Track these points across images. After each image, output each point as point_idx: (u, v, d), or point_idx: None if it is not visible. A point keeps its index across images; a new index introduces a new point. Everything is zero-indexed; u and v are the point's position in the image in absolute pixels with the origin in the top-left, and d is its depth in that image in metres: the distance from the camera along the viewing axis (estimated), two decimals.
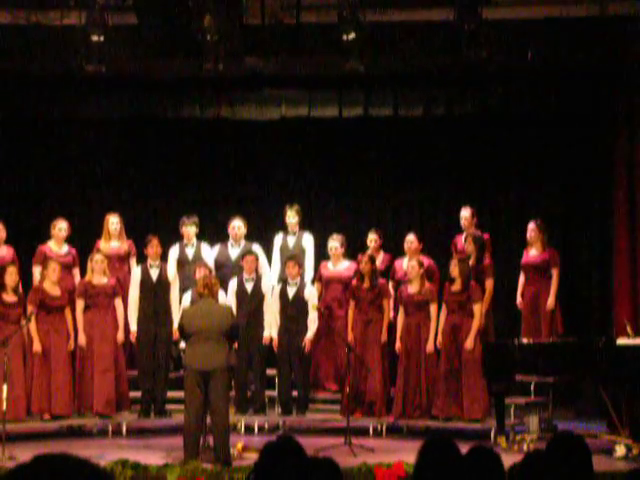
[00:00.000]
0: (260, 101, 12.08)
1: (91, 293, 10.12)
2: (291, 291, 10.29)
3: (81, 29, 9.81)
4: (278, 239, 10.97)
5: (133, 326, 10.31)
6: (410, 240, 10.56)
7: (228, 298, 10.12)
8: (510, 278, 10.84)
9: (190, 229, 10.77)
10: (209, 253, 10.81)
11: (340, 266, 10.66)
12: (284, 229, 10.95)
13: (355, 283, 10.35)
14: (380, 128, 11.96)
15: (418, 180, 12.02)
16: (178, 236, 10.87)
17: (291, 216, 10.87)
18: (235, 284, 10.33)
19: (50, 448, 8.48)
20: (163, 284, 10.35)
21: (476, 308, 9.85)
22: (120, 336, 10.19)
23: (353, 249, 10.78)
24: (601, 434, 9.17)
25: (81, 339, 10.04)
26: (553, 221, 11.18)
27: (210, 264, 10.42)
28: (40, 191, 11.96)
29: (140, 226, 11.60)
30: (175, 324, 9.81)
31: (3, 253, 10.45)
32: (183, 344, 8.88)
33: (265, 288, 10.38)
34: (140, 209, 12.11)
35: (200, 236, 10.93)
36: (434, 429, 9.77)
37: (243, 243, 10.80)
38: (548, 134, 11.61)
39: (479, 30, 9.56)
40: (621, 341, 9.01)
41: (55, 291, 10.02)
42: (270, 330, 10.28)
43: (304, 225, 11.07)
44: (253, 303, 10.29)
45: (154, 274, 10.36)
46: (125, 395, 10.20)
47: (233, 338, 8.67)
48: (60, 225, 10.57)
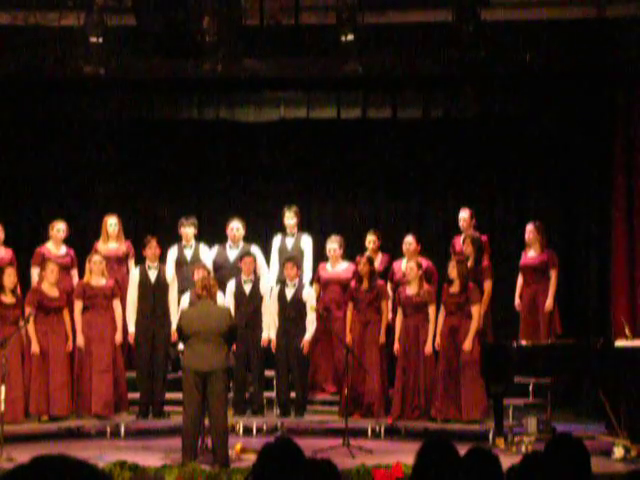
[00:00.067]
0: (259, 102, 12.09)
1: (89, 294, 10.12)
2: (289, 292, 10.29)
3: (80, 30, 9.81)
4: (277, 240, 10.97)
5: (131, 327, 10.30)
6: (409, 242, 10.57)
7: (226, 299, 10.11)
8: (508, 280, 10.85)
9: (189, 230, 10.77)
10: (207, 254, 10.80)
11: (338, 267, 10.66)
12: (283, 230, 10.95)
13: (353, 284, 10.35)
14: (378, 130, 11.97)
15: (416, 182, 12.02)
16: (177, 237, 10.87)
17: (289, 217, 10.87)
18: (233, 285, 10.33)
19: (48, 449, 8.47)
20: (161, 285, 10.35)
21: (474, 309, 9.86)
22: (118, 337, 10.18)
23: (351, 250, 10.78)
24: (599, 436, 9.16)
25: (79, 340, 10.03)
26: (551, 223, 11.18)
27: (209, 265, 10.41)
28: (38, 192, 11.94)
29: (138, 227, 11.60)
30: (173, 325, 9.81)
31: (1, 254, 10.45)
32: (181, 345, 8.87)
33: (263, 289, 10.38)
34: (138, 210, 12.10)
35: (198, 237, 10.93)
36: (432, 430, 9.76)
37: (242, 244, 10.80)
38: (546, 136, 11.61)
39: (477, 32, 9.57)
40: (619, 343, 9.02)
41: (53, 292, 10.01)
42: (268, 331, 10.28)
43: (302, 226, 11.07)
44: (251, 304, 10.29)
45: (152, 275, 10.36)
46: (123, 396, 10.20)
47: (231, 339, 8.66)
48: (58, 226, 10.58)
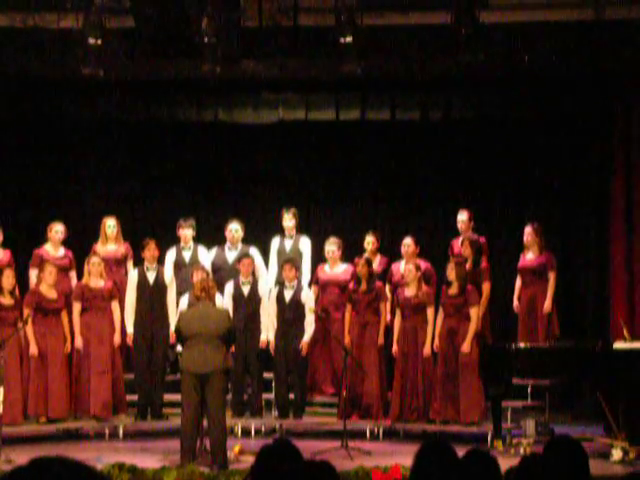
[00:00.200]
0: (257, 104, 12.09)
1: (88, 296, 10.11)
2: (288, 294, 10.28)
3: (78, 32, 9.80)
4: (275, 242, 10.97)
5: (130, 329, 10.30)
6: (407, 243, 10.57)
7: (225, 301, 10.10)
8: (507, 282, 10.85)
9: (187, 232, 10.77)
10: (206, 256, 10.80)
11: (337, 269, 10.66)
12: (281, 232, 10.95)
13: (352, 286, 10.35)
14: (377, 131, 11.96)
15: (415, 183, 12.01)
16: (175, 239, 10.87)
17: (288, 219, 10.87)
18: (232, 287, 10.32)
19: (47, 451, 8.44)
20: (160, 287, 10.35)
21: (473, 311, 9.85)
22: (117, 339, 10.18)
23: (350, 252, 10.78)
24: (598, 438, 9.16)
25: (78, 342, 10.03)
26: (550, 225, 11.19)
27: (207, 267, 10.41)
28: (37, 194, 11.93)
29: (137, 229, 11.59)
30: (172, 327, 9.80)
31: (0, 256, 10.45)
32: (180, 347, 8.87)
33: (262, 291, 10.37)
34: (137, 212, 12.09)
35: (197, 239, 10.93)
36: (431, 432, 9.77)
37: (240, 246, 10.79)
38: (545, 138, 11.61)
39: (476, 33, 9.57)
40: (618, 344, 9.02)
41: (52, 294, 10.01)
42: (267, 333, 10.27)
43: (301, 228, 11.07)
44: (250, 306, 10.28)
45: (151, 277, 10.36)
46: (122, 398, 10.20)
47: (230, 341, 8.65)
48: (57, 228, 10.57)
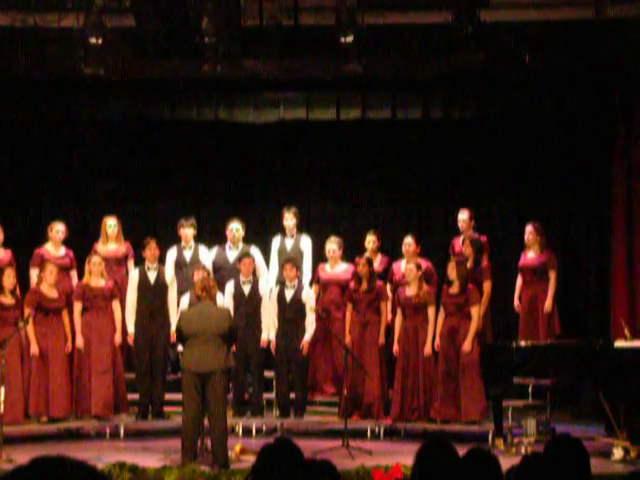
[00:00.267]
0: (258, 103, 12.08)
1: (89, 295, 10.11)
2: (289, 294, 10.28)
3: (79, 31, 9.80)
4: (276, 242, 10.97)
5: (131, 328, 10.30)
6: (408, 242, 10.57)
7: (225, 301, 10.10)
8: (508, 280, 10.85)
9: (188, 231, 10.77)
10: (207, 255, 10.80)
11: (338, 268, 10.66)
12: (282, 232, 10.95)
13: (353, 285, 10.34)
14: (378, 131, 11.95)
15: (416, 183, 12.01)
16: (176, 238, 10.87)
17: (289, 218, 10.87)
18: (232, 287, 10.32)
19: (48, 450, 8.46)
20: (161, 286, 10.35)
21: (474, 310, 9.85)
22: (118, 338, 10.18)
23: (351, 252, 10.78)
24: (599, 437, 9.17)
25: (79, 341, 10.03)
26: (551, 223, 11.19)
27: (208, 266, 10.41)
28: (38, 193, 11.94)
29: (138, 228, 11.58)
30: (173, 326, 9.80)
31: (1, 255, 10.45)
32: (181, 347, 8.87)
33: (263, 291, 10.37)
34: (138, 211, 12.09)
35: (198, 238, 10.93)
36: (432, 431, 9.75)
37: (241, 246, 10.79)
38: (546, 137, 11.60)
39: (477, 33, 9.56)
40: (619, 343, 9.02)
41: (52, 293, 10.01)
42: (268, 332, 10.28)
43: (302, 227, 11.07)
44: (250, 306, 10.28)
45: (152, 276, 10.36)
46: (123, 397, 10.19)
47: (231, 340, 8.65)
48: (57, 227, 10.58)
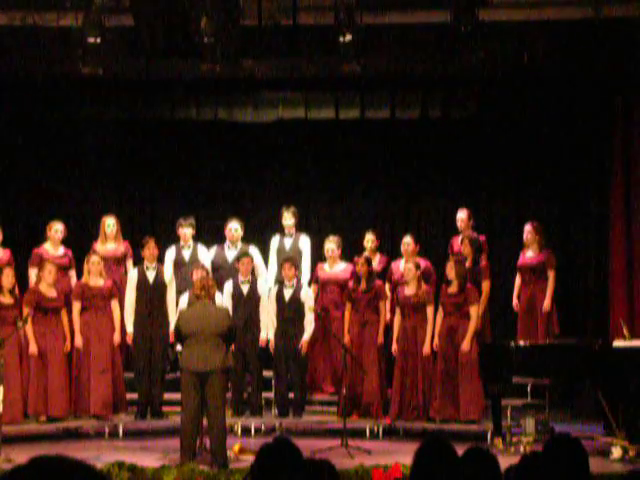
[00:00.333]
0: (257, 103, 12.08)
1: (88, 295, 10.11)
2: (287, 293, 10.28)
3: (78, 31, 9.80)
4: (275, 241, 10.97)
5: (130, 328, 10.30)
6: (407, 242, 10.58)
7: (224, 300, 10.10)
8: (506, 280, 10.85)
9: (187, 231, 10.77)
10: (206, 255, 10.80)
11: (336, 268, 10.66)
12: (281, 231, 10.95)
13: (351, 285, 10.35)
14: (377, 130, 11.96)
15: (415, 182, 12.02)
16: (175, 238, 10.87)
17: (288, 218, 10.87)
18: (231, 286, 10.32)
19: (47, 450, 8.47)
20: (160, 286, 10.35)
21: (472, 310, 9.86)
22: (117, 338, 10.18)
23: (350, 251, 10.78)
24: (597, 436, 9.16)
25: (78, 341, 10.03)
26: (549, 223, 11.19)
27: (207, 266, 10.41)
28: (36, 193, 11.93)
29: (137, 228, 11.59)
30: (172, 326, 9.80)
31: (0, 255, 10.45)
32: (179, 346, 8.87)
33: (261, 290, 10.37)
34: (136, 211, 12.09)
35: (197, 238, 10.93)
36: (431, 431, 9.76)
37: (240, 245, 10.79)
38: (545, 136, 11.60)
39: (475, 32, 9.56)
40: (617, 343, 9.02)
41: (51, 293, 10.01)
42: (267, 332, 10.28)
43: (301, 227, 11.08)
44: (249, 305, 10.28)
45: (151, 276, 10.36)
46: (122, 397, 10.20)
47: (230, 340, 8.65)
48: (56, 227, 10.57)
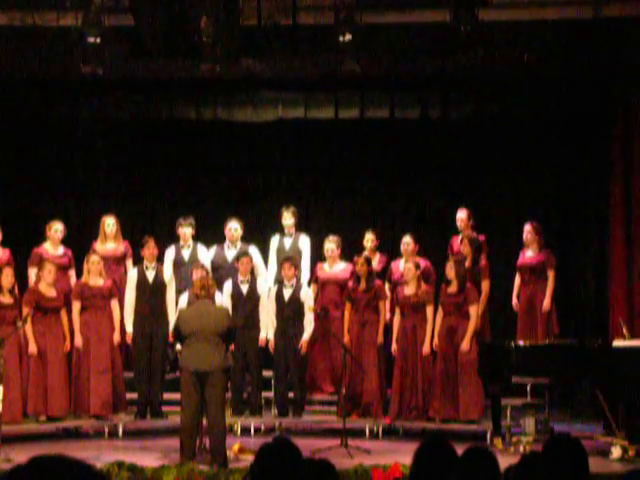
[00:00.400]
0: (257, 102, 12.08)
1: (87, 295, 10.11)
2: (287, 293, 10.28)
3: (77, 30, 9.80)
4: (274, 241, 10.97)
5: (129, 327, 10.30)
6: (407, 242, 10.58)
7: (224, 300, 10.10)
8: (506, 280, 10.85)
9: (186, 230, 10.77)
10: (205, 254, 10.80)
11: (336, 268, 10.66)
12: (281, 231, 10.95)
13: (351, 285, 10.35)
14: (376, 130, 11.95)
15: (414, 182, 12.02)
16: (174, 237, 10.87)
17: (287, 218, 10.87)
18: (230, 286, 10.32)
19: (46, 450, 8.46)
20: (159, 285, 10.34)
21: (472, 310, 9.86)
22: (116, 337, 10.18)
23: (349, 251, 10.78)
24: (597, 436, 9.16)
25: (77, 341, 10.03)
26: (549, 223, 11.19)
27: (207, 265, 10.41)
28: (36, 193, 11.93)
29: (136, 227, 11.59)
30: (171, 325, 9.80)
31: None
32: (179, 346, 8.87)
33: (261, 290, 10.37)
34: (136, 210, 12.09)
35: (196, 237, 10.92)
36: (430, 430, 9.75)
37: (240, 245, 10.79)
38: (544, 136, 11.60)
39: (475, 32, 9.56)
40: (617, 343, 9.02)
41: (51, 292, 10.01)
42: (266, 332, 10.28)
43: (300, 227, 11.07)
44: (249, 305, 10.28)
45: (150, 276, 10.36)
46: (121, 397, 10.20)
47: (230, 340, 8.65)
48: (56, 226, 10.57)
